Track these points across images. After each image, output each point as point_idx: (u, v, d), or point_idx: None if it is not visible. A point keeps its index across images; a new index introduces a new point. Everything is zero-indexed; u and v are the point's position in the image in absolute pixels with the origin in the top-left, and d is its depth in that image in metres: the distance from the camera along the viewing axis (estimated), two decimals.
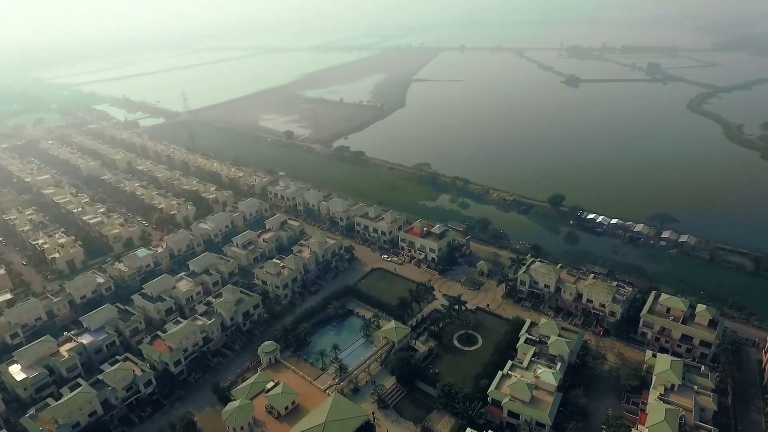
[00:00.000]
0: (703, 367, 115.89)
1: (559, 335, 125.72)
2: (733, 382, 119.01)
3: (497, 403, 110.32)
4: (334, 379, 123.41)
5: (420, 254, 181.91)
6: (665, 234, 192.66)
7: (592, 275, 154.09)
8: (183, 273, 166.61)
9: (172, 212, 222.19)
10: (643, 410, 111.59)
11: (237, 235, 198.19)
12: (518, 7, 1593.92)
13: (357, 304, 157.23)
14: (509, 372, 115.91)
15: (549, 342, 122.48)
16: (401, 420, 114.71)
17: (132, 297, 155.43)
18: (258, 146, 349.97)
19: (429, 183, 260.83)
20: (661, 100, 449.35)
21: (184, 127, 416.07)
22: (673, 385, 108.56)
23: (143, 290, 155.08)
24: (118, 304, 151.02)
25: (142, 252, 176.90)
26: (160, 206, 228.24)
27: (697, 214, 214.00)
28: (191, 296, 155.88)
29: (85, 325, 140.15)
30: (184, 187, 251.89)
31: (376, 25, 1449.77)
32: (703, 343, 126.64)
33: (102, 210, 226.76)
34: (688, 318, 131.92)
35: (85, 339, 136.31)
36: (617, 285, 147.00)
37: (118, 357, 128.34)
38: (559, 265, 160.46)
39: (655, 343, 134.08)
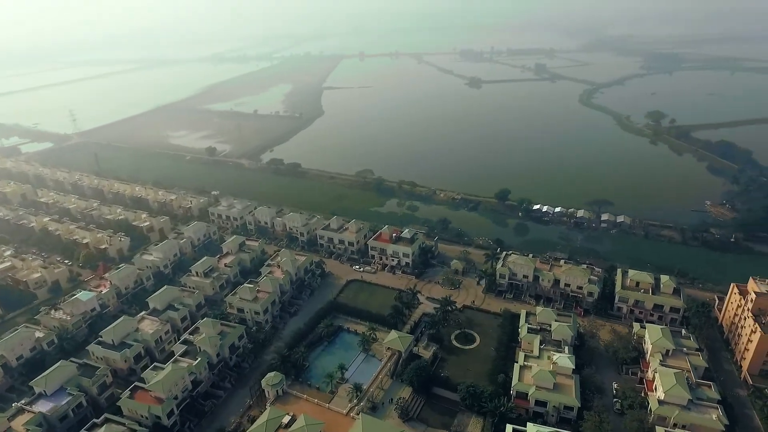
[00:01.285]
0: (683, 331, 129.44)
1: (555, 320, 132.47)
2: (705, 340, 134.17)
3: (522, 395, 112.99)
4: (350, 400, 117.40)
5: (393, 260, 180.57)
6: (604, 217, 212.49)
7: (563, 261, 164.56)
8: (144, 312, 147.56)
9: (103, 246, 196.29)
10: (643, 378, 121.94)
11: (186, 263, 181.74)
12: (408, 14, 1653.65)
13: (344, 320, 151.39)
14: (525, 363, 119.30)
15: (552, 328, 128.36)
16: (430, 429, 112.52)
17: (88, 348, 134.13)
18: (177, 166, 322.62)
19: (375, 189, 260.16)
20: (556, 97, 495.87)
21: (81, 150, 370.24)
22: (667, 351, 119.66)
23: (100, 338, 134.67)
24: (72, 359, 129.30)
25: (84, 295, 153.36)
26: (85, 241, 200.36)
27: (624, 196, 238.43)
28: (160, 337, 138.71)
29: (38, 390, 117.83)
30: (108, 217, 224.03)
31: (268, 33, 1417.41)
32: (672, 309, 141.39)
33: (9, 253, 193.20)
34: (655, 289, 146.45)
35: (43, 406, 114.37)
36: (588, 267, 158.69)
37: (95, 420, 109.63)
38: (530, 255, 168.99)
39: (630, 315, 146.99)
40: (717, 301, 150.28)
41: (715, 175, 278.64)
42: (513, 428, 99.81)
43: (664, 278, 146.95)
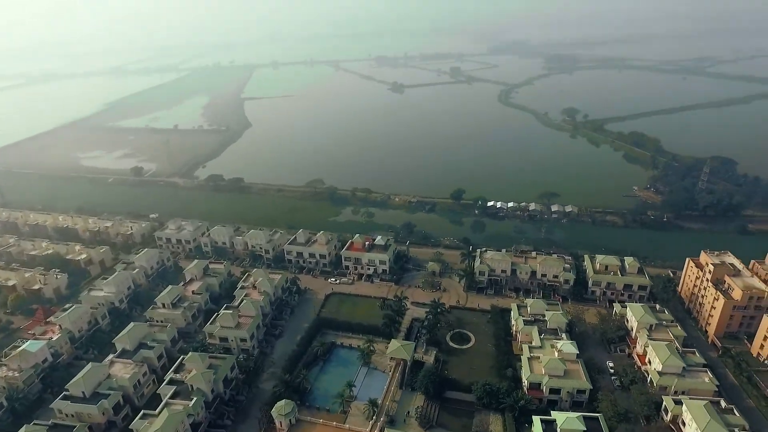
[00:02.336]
0: (658, 306, 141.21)
1: (547, 310, 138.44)
2: (671, 311, 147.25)
3: (535, 386, 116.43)
4: (368, 417, 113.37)
5: (369, 269, 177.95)
6: (554, 208, 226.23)
7: (534, 253, 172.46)
8: (112, 355, 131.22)
9: (35, 287, 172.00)
10: (631, 354, 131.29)
11: (143, 296, 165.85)
12: (320, 22, 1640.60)
13: (335, 335, 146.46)
14: (531, 354, 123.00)
15: (548, 317, 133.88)
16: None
17: (52, 405, 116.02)
18: (100, 190, 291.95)
19: (328, 199, 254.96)
20: (477, 98, 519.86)
21: None
22: (651, 326, 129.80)
23: (67, 392, 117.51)
24: (36, 422, 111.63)
25: (33, 345, 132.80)
26: (10, 283, 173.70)
27: (561, 186, 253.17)
28: (138, 381, 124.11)
29: None
30: (32, 253, 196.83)
31: (171, 43, 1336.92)
32: (640, 287, 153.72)
33: None
34: (622, 270, 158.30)
35: None
36: (559, 257, 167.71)
37: None
38: (503, 250, 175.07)
39: (603, 297, 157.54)
40: (672, 276, 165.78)
41: (632, 163, 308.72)
42: (540, 419, 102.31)
43: (628, 260, 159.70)
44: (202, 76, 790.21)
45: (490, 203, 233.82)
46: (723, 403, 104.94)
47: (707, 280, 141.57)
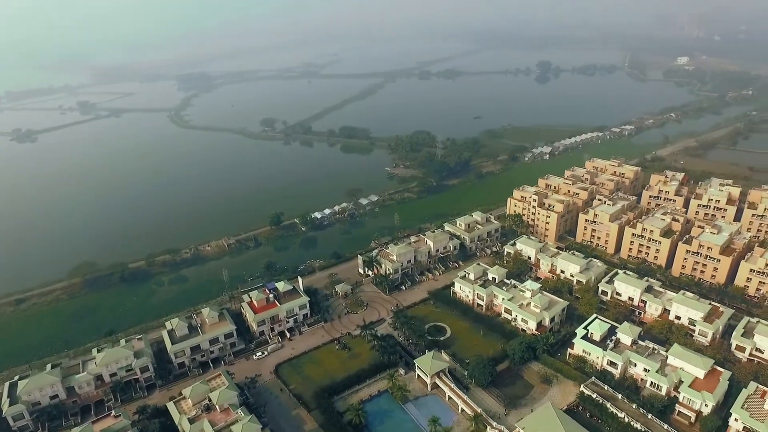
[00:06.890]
0: (525, 236, 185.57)
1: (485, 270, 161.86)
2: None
3: (540, 324, 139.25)
4: None
5: (288, 322, 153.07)
6: (363, 200, 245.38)
7: (412, 238, 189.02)
8: None
9: None
10: (537, 276, 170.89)
11: None
12: None
13: (344, 399, 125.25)
14: (519, 303, 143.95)
15: (494, 273, 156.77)
16: (532, 394, 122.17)
17: None
18: None
19: (122, 280, 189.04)
20: (146, 129, 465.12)
21: None
22: (540, 249, 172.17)
23: None
24: None
25: None
26: None
27: (327, 186, 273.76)
28: None
29: None
30: None
31: None
32: (495, 230, 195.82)
33: None
34: (476, 223, 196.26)
35: None
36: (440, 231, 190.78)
37: None
38: (397, 242, 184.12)
39: (478, 248, 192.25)
40: (491, 215, 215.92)
41: (349, 153, 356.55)
42: (581, 338, 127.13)
43: (477, 214, 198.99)
44: None
45: (313, 215, 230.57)
46: (620, 272, 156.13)
47: (534, 206, 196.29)
